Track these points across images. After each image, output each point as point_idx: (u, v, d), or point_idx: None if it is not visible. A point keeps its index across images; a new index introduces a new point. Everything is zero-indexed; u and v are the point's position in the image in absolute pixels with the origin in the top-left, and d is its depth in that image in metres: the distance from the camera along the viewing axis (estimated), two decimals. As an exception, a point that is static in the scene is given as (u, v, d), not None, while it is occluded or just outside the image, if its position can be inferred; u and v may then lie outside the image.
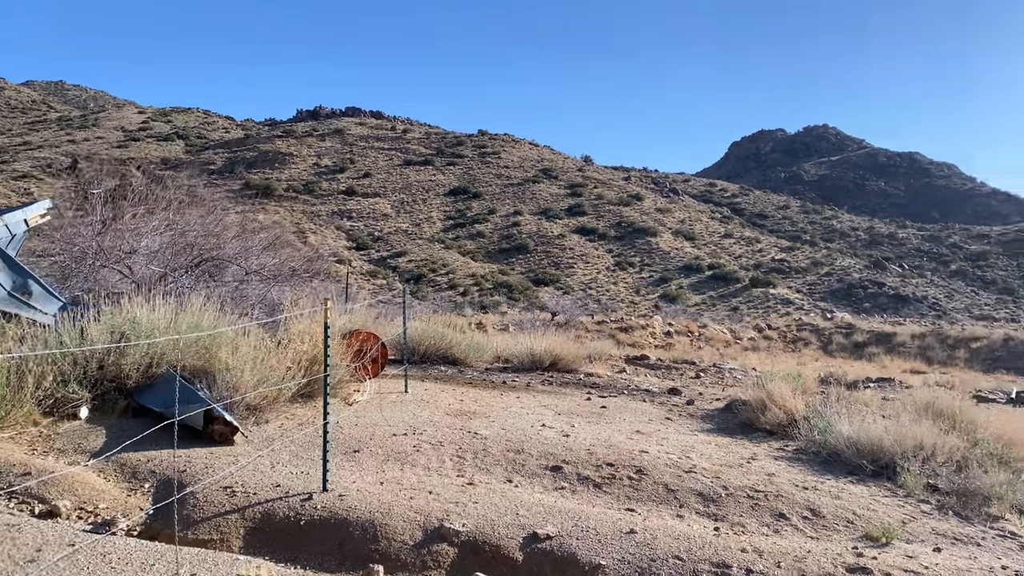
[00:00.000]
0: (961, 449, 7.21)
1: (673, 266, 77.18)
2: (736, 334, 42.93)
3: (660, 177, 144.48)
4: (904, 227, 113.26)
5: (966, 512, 5.96)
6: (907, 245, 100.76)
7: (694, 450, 7.55)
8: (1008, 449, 7.53)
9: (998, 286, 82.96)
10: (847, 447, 7.17)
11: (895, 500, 6.25)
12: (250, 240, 17.81)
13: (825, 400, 9.20)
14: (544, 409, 9.37)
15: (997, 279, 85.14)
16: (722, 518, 5.75)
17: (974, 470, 6.54)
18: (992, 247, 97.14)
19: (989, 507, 6.01)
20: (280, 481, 5.95)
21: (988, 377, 26.23)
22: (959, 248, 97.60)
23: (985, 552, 5.23)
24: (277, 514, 5.46)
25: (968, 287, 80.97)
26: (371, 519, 5.33)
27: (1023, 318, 65.26)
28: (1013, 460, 7.41)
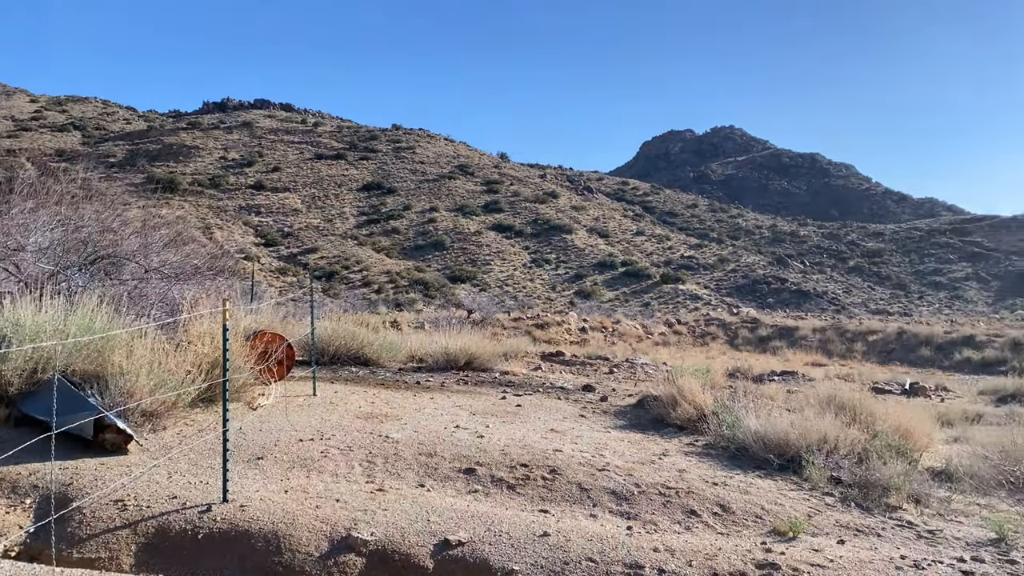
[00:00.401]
0: (862, 441, 7.44)
1: (588, 263, 78.21)
2: (648, 329, 43.80)
3: (575, 175, 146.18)
4: (805, 225, 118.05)
5: (867, 503, 6.15)
6: (808, 242, 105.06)
7: (607, 447, 7.56)
8: (904, 440, 7.83)
9: (892, 282, 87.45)
10: (755, 442, 7.31)
11: (801, 493, 6.40)
12: (151, 236, 17.01)
13: (733, 395, 9.39)
14: (458, 410, 9.23)
15: (891, 275, 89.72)
16: (635, 516, 5.75)
17: (874, 462, 6.76)
18: (886, 244, 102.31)
19: (888, 498, 6.21)
20: (177, 492, 5.63)
21: (884, 369, 27.54)
22: (856, 245, 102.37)
23: (885, 543, 5.39)
24: (173, 528, 5.15)
25: (865, 283, 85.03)
26: (274, 530, 5.09)
27: (915, 312, 68.95)
28: (909, 451, 7.71)
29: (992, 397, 18.06)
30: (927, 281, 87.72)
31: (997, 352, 30.50)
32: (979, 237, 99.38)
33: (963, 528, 5.80)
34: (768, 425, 7.47)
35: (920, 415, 10.04)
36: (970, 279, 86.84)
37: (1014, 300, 77.79)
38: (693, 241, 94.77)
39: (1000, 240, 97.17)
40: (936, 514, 6.13)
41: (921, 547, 5.34)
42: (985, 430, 11.05)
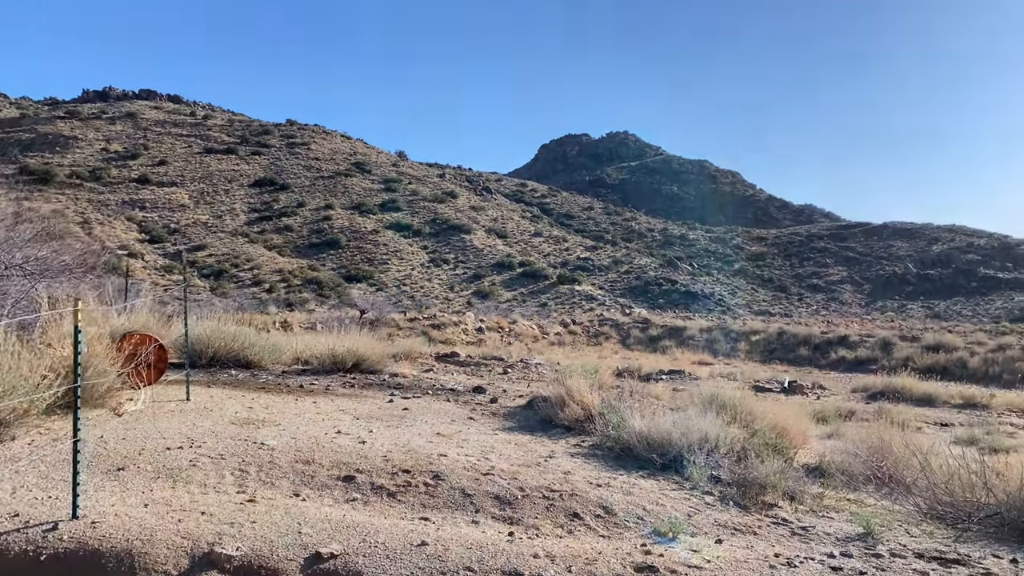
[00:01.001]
0: (741, 440, 7.61)
1: (486, 263, 78.36)
2: (544, 329, 44.22)
3: (474, 175, 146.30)
4: (694, 229, 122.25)
5: (745, 502, 6.26)
6: (697, 246, 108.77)
7: (494, 451, 7.44)
8: (781, 438, 8.07)
9: (774, 284, 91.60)
10: (639, 442, 7.35)
11: (682, 493, 6.46)
12: (16, 229, 15.80)
13: (620, 395, 9.47)
14: (342, 414, 8.92)
15: (773, 278, 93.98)
16: (518, 521, 5.64)
17: (752, 460, 6.90)
18: (769, 248, 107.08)
19: (765, 495, 6.35)
20: (21, 509, 5.13)
21: (765, 368, 28.71)
22: (741, 249, 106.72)
23: (761, 541, 5.48)
24: (12, 549, 4.68)
25: (749, 284, 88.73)
26: (129, 548, 4.70)
27: (795, 313, 72.42)
28: (786, 448, 7.95)
29: (864, 394, 19.08)
30: (806, 284, 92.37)
31: (869, 351, 32.32)
32: (853, 243, 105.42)
33: (834, 524, 5.98)
34: (652, 425, 7.53)
35: (797, 413, 10.42)
36: (845, 282, 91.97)
37: (884, 302, 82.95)
38: (589, 243, 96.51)
39: (872, 246, 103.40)
40: (810, 510, 6.30)
41: (795, 544, 5.46)
42: (856, 426, 11.60)
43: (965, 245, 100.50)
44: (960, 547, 5.53)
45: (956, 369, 28.21)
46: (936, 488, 6.53)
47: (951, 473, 6.73)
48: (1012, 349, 29.57)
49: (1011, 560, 5.25)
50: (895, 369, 23.61)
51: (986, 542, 5.66)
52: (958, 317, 71.75)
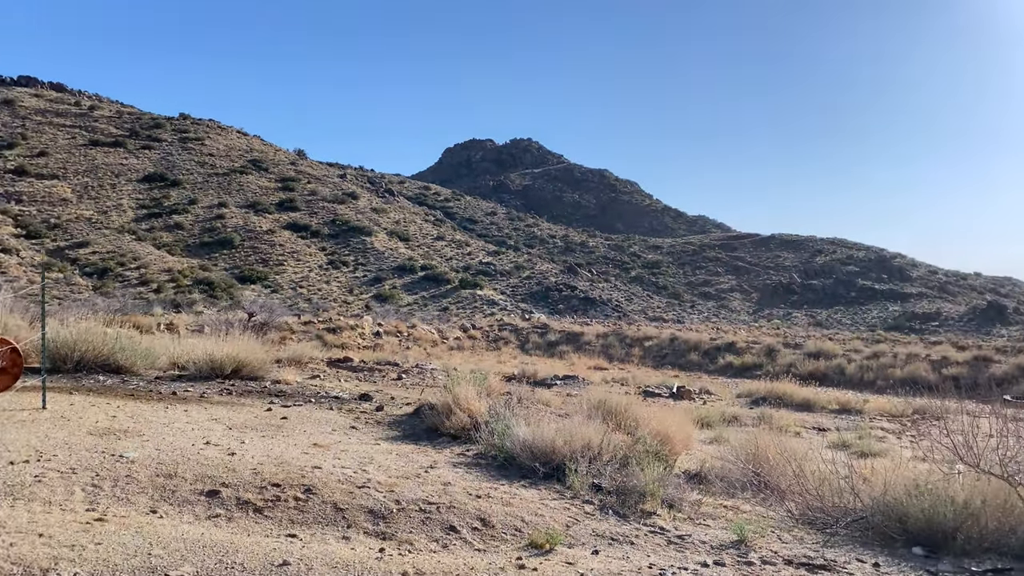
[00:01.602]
0: (624, 447, 7.62)
1: (387, 266, 77.31)
2: (443, 334, 43.91)
3: (376, 177, 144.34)
4: (594, 236, 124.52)
5: (624, 510, 6.23)
6: (596, 253, 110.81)
7: (373, 462, 7.18)
8: (664, 444, 8.13)
9: (668, 291, 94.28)
10: (522, 450, 7.25)
11: (562, 503, 6.38)
12: None
13: (508, 402, 9.35)
14: (214, 424, 8.45)
15: (668, 285, 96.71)
16: (391, 537, 5.42)
17: (633, 468, 6.90)
18: (664, 257, 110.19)
19: (644, 504, 6.34)
20: None
21: (657, 373, 29.36)
22: (638, 257, 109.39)
23: (637, 551, 5.45)
24: None
25: (645, 291, 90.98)
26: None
27: (687, 320, 74.66)
28: (667, 455, 8.01)
29: (748, 399, 19.69)
30: (698, 291, 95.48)
31: (755, 357, 33.54)
32: (743, 253, 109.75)
33: (710, 531, 6.02)
34: (537, 433, 7.44)
35: (682, 418, 10.58)
36: (735, 290, 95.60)
37: (771, 310, 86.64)
38: (491, 248, 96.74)
39: (760, 256, 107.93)
40: (687, 518, 6.33)
41: (670, 554, 5.45)
42: (738, 431, 11.88)
43: (845, 257, 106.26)
44: (828, 552, 5.65)
45: (834, 375, 29.60)
46: (808, 494, 6.69)
47: (823, 479, 6.91)
48: (885, 356, 31.28)
49: (873, 564, 5.39)
50: (778, 375, 24.51)
51: (852, 547, 5.81)
52: (838, 325, 75.68)
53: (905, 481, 6.27)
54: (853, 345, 35.41)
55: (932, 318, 79.62)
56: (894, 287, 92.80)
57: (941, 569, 5.33)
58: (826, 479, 6.85)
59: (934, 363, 29.50)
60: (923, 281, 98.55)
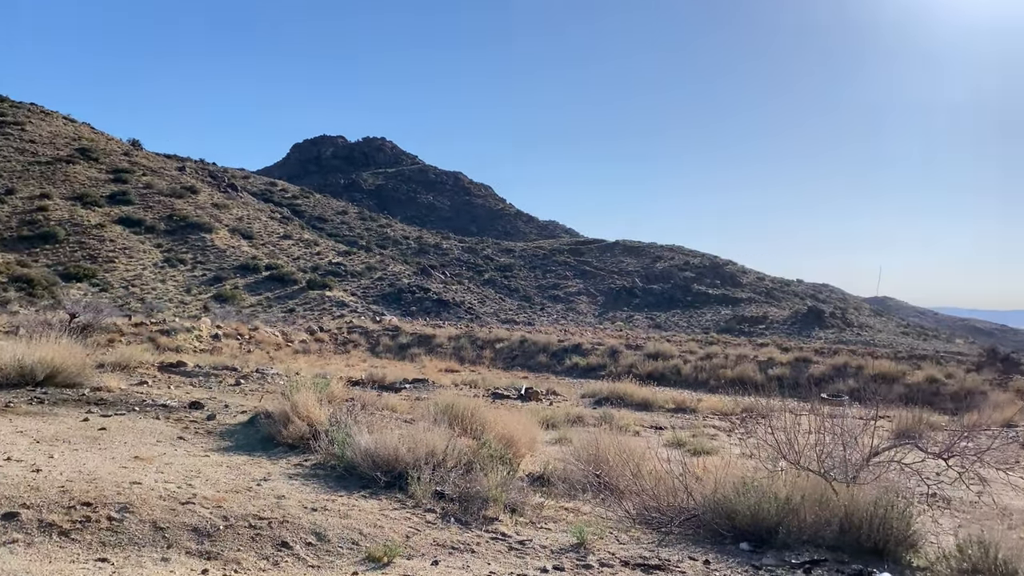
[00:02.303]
0: (469, 452, 7.53)
1: (229, 265, 73.76)
2: (288, 337, 42.36)
3: (218, 171, 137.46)
4: (448, 238, 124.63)
5: (466, 517, 6.14)
6: (450, 255, 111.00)
7: (200, 475, 6.70)
8: (509, 448, 8.12)
9: (520, 294, 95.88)
10: (364, 459, 7.00)
11: (404, 512, 6.20)
12: None
13: (351, 408, 9.06)
14: (19, 436, 7.62)
15: (519, 288, 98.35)
16: (216, 556, 5.04)
17: (477, 473, 6.83)
18: (516, 260, 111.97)
19: (487, 509, 6.27)
20: None
21: (507, 375, 29.66)
22: (491, 260, 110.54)
23: (478, 559, 5.37)
24: None
25: (497, 294, 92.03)
26: None
27: (537, 322, 76.14)
28: (512, 458, 8.00)
29: (592, 399, 20.22)
30: (548, 294, 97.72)
31: (599, 358, 34.60)
32: (590, 257, 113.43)
33: (551, 535, 6.04)
34: (379, 440, 7.22)
35: (527, 420, 10.66)
36: (582, 293, 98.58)
37: (615, 313, 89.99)
38: (342, 248, 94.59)
39: (606, 261, 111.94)
40: (529, 522, 6.32)
41: (511, 560, 5.40)
42: (582, 432, 12.12)
43: (683, 263, 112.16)
44: (663, 551, 5.80)
45: (672, 375, 31.05)
46: (645, 494, 6.87)
47: (659, 479, 7.12)
48: (717, 357, 33.14)
49: (704, 561, 5.59)
50: (620, 375, 25.39)
51: (685, 545, 6.00)
52: (676, 327, 79.67)
53: (734, 479, 6.56)
54: (689, 347, 37.28)
55: (760, 321, 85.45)
56: (726, 292, 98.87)
57: (765, 563, 5.59)
58: (662, 478, 7.07)
59: (761, 364, 31.55)
60: (752, 287, 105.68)
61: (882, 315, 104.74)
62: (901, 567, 5.65)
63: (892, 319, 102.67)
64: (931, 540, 6.09)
